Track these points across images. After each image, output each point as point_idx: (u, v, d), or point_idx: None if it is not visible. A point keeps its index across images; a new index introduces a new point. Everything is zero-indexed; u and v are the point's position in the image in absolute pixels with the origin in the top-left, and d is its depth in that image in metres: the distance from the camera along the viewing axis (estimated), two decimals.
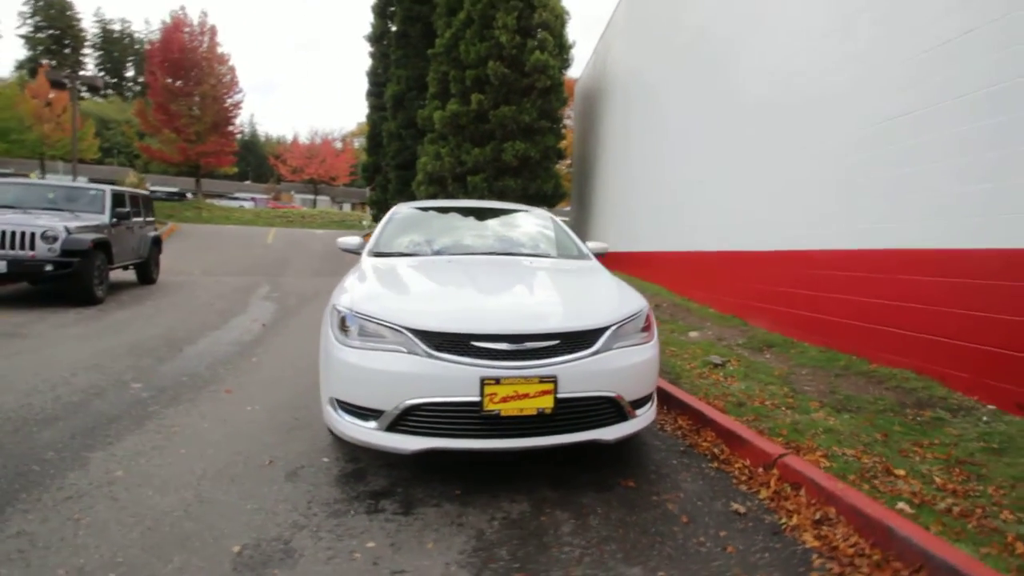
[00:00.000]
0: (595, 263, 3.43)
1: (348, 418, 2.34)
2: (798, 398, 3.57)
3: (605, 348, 2.34)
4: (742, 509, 2.27)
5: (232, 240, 17.94)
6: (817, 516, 2.12)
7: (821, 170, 5.05)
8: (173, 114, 27.00)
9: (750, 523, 2.17)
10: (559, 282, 2.88)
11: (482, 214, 4.14)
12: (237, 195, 44.74)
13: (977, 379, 3.45)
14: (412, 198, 17.25)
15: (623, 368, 2.37)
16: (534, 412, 2.17)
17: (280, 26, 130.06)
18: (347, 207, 51.74)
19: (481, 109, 12.86)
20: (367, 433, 2.26)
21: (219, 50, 28.95)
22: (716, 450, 2.84)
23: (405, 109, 16.56)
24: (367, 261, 3.23)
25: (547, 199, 13.66)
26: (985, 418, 3.09)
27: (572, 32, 13.60)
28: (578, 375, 2.23)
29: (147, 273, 8.96)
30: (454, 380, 2.15)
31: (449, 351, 2.19)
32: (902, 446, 2.76)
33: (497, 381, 2.13)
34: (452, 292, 2.63)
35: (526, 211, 4.24)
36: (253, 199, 42.92)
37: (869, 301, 4.39)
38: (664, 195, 9.02)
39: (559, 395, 2.18)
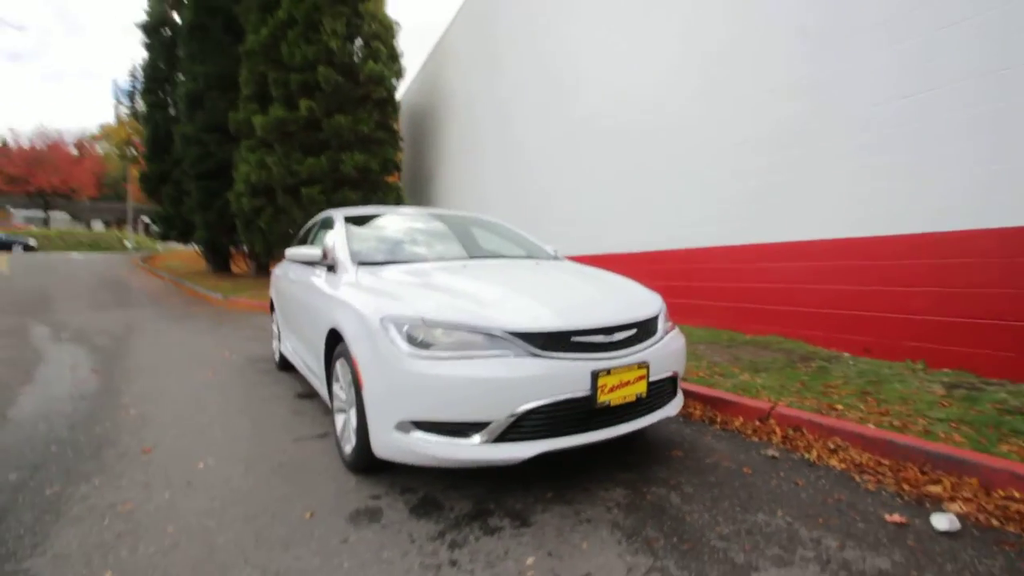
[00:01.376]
0: (574, 262, 3.63)
1: (435, 438, 2.11)
2: (720, 367, 4.29)
3: (664, 333, 2.58)
4: (775, 454, 2.72)
5: None
6: (831, 446, 2.69)
7: (696, 183, 6.08)
8: None
9: (789, 463, 2.62)
10: (583, 278, 2.99)
11: (440, 219, 3.99)
12: None
13: (829, 335, 4.63)
14: (222, 212, 14.99)
15: (677, 349, 2.63)
16: (634, 398, 2.28)
17: None
18: (99, 225, 41.88)
19: (312, 116, 11.93)
20: (469, 450, 2.08)
21: None
22: (710, 415, 3.29)
23: (206, 110, 14.33)
24: (361, 272, 2.88)
25: None
26: (851, 362, 4.19)
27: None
28: (658, 358, 2.41)
29: None
30: (566, 377, 2.13)
31: (553, 349, 2.16)
32: (819, 389, 3.58)
33: (608, 372, 2.19)
34: (506, 294, 2.55)
35: (477, 216, 4.22)
36: None
37: (735, 286, 5.48)
38: (523, 207, 9.64)
39: (650, 379, 2.34)
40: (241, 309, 10.79)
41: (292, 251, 3.35)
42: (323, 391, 3.09)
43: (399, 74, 13.45)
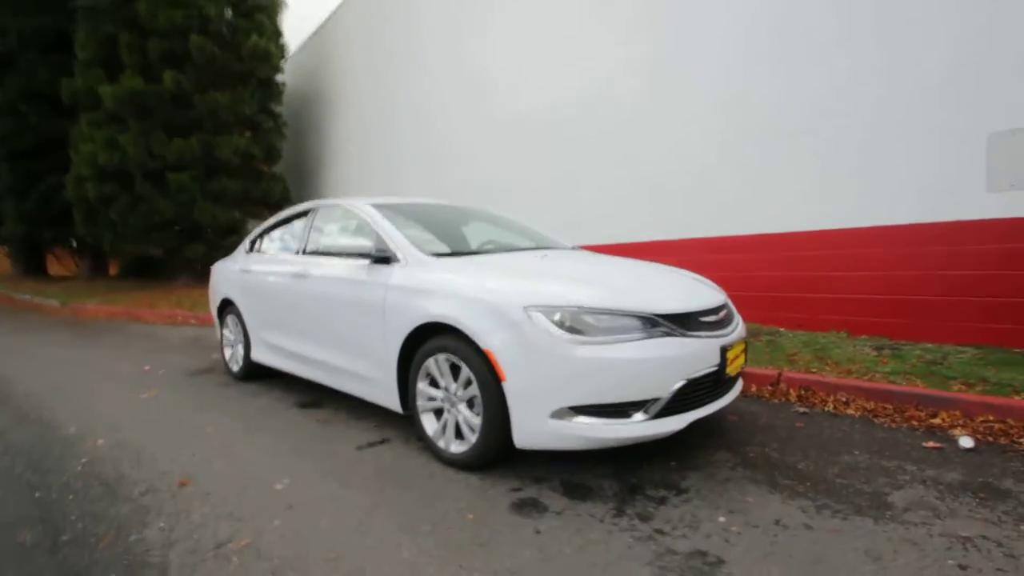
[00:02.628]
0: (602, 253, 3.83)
1: (598, 421, 2.17)
2: None
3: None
4: (805, 410, 3.24)
5: None
6: (841, 399, 3.29)
7: (644, 186, 6.62)
8: None
9: (819, 417, 3.15)
10: (655, 267, 3.15)
11: (452, 210, 3.89)
12: None
13: (768, 314, 5.50)
14: (46, 200, 12.13)
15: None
16: (738, 371, 2.58)
17: None
18: None
19: (180, 91, 10.35)
20: (632, 428, 2.17)
21: None
22: None
23: (22, 73, 11.48)
24: (444, 262, 2.75)
25: (274, 205, 12.08)
26: (790, 335, 5.05)
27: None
28: (742, 334, 2.75)
29: None
30: (706, 353, 2.33)
31: (691, 328, 2.35)
32: (785, 356, 4.29)
33: (731, 347, 2.45)
34: (622, 281, 2.65)
35: (479, 208, 4.18)
36: None
37: None
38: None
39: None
40: (97, 318, 8.99)
41: (329, 243, 3.06)
42: (386, 397, 2.87)
43: (283, 53, 12.28)
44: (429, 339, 2.59)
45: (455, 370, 2.50)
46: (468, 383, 2.43)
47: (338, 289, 3.15)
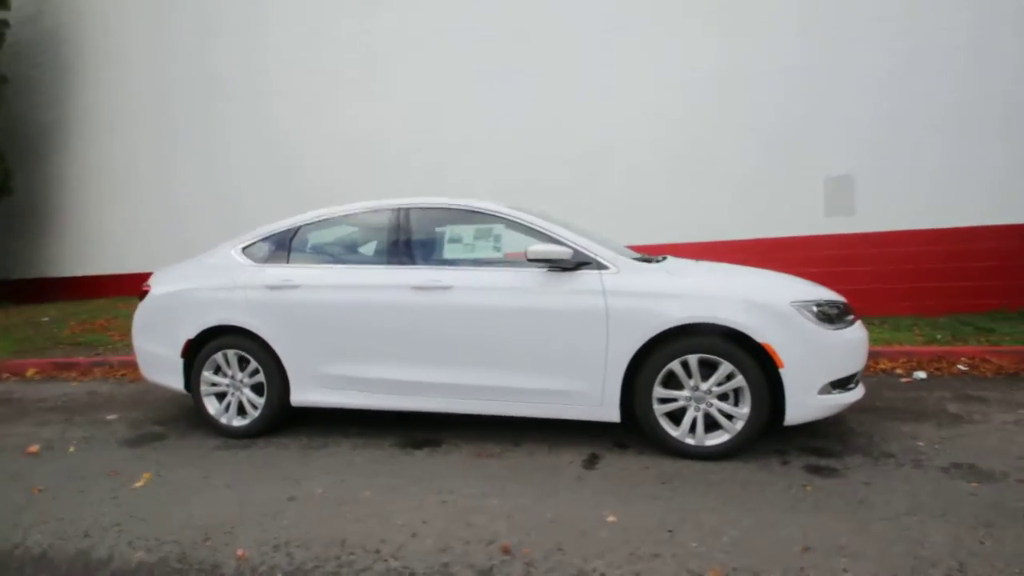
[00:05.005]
0: None
1: (842, 392, 2.70)
2: None
3: None
4: None
5: None
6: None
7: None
8: None
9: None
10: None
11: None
12: None
13: None
14: None
15: None
16: None
17: None
18: None
19: None
20: (852, 395, 2.72)
21: None
22: None
23: None
24: (647, 267, 2.84)
25: None
26: None
27: None
28: None
29: None
30: None
31: None
32: None
33: None
34: (784, 277, 3.14)
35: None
36: None
37: None
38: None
39: None
40: None
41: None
42: (592, 409, 2.80)
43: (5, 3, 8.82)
44: (664, 343, 2.67)
45: (705, 368, 2.67)
46: (723, 379, 2.64)
47: (516, 300, 2.85)
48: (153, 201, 8.96)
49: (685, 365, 2.67)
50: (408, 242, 3.15)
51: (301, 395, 3.18)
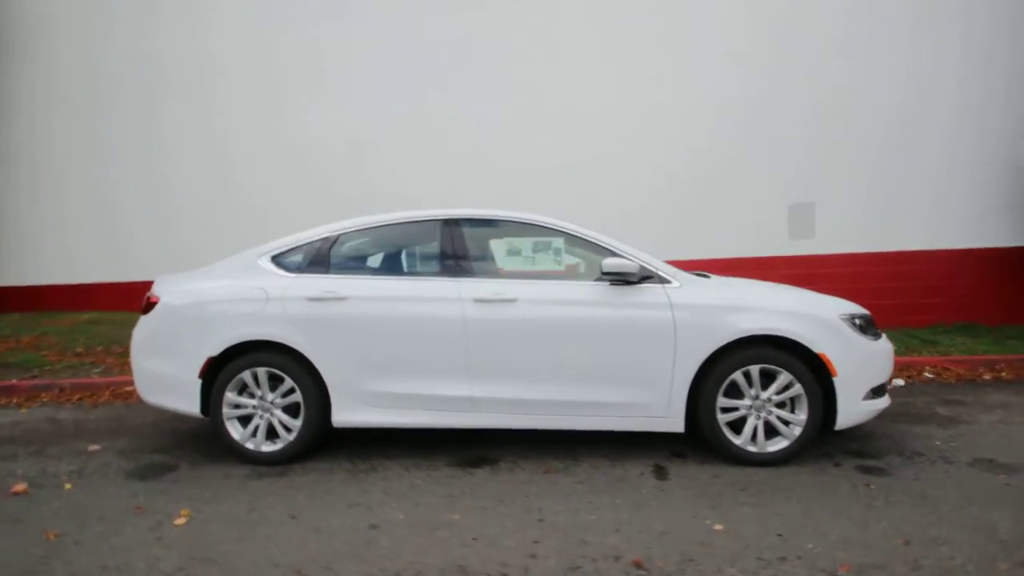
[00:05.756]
0: None
1: (877, 399, 2.94)
2: None
3: None
4: None
5: None
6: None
7: None
8: None
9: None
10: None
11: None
12: None
13: None
14: None
15: None
16: None
17: None
18: None
19: None
20: (884, 401, 2.98)
21: None
22: None
23: None
24: (718, 280, 3.00)
25: None
26: None
27: None
28: None
29: None
30: None
31: None
32: None
33: None
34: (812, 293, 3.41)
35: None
36: None
37: None
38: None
39: None
40: None
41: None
42: (656, 420, 2.86)
43: None
44: (725, 354, 2.80)
45: (763, 378, 2.82)
46: (782, 388, 2.80)
47: (583, 313, 2.87)
48: (80, 202, 7.97)
49: (746, 375, 2.81)
50: (463, 254, 3.07)
51: (345, 415, 2.96)
